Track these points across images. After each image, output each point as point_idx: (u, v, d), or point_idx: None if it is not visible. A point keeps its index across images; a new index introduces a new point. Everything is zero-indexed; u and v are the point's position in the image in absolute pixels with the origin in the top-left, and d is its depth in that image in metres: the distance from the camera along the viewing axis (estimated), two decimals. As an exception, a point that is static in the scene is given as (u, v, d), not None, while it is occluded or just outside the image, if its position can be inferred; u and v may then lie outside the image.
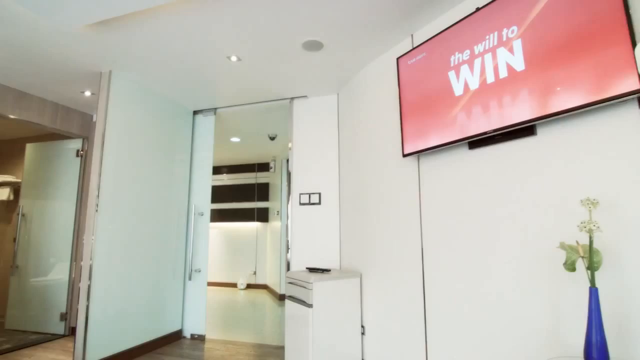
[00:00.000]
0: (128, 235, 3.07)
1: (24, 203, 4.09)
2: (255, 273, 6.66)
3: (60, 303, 3.72)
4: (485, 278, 1.81)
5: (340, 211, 3.26)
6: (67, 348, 3.29)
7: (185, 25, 2.34)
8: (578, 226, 1.26)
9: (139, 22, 2.31)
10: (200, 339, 3.58)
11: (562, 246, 1.32)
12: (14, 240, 4.07)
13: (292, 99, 3.59)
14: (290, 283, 2.81)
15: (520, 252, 1.66)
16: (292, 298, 2.76)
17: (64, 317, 3.70)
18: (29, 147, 4.19)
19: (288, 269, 3.37)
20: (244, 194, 6.86)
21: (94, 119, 4.08)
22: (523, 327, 1.62)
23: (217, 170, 6.99)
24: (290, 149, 3.55)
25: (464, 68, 1.89)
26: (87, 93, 3.47)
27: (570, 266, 1.28)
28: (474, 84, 1.83)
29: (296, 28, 2.36)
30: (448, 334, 1.99)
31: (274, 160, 6.39)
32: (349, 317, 2.66)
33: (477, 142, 1.88)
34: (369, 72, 2.86)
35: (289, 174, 3.53)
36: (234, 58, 2.76)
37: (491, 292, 1.77)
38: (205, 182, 3.88)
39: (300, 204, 3.39)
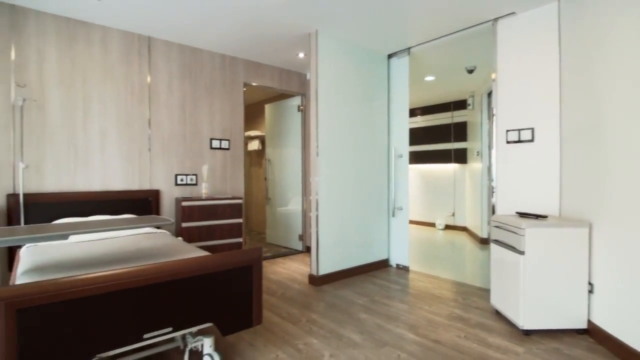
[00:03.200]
0: (341, 176, 3.60)
1: (268, 151, 5.37)
2: (453, 215, 6.58)
3: (298, 227, 4.85)
4: None
5: (561, 148, 2.74)
6: (305, 261, 4.30)
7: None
8: None
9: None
10: (405, 269, 3.95)
11: None
12: (265, 179, 5.47)
13: (496, 19, 3.10)
14: (496, 227, 2.67)
15: None
16: (498, 242, 2.64)
17: (301, 238, 4.81)
18: (267, 107, 5.37)
19: (493, 212, 3.19)
20: (440, 135, 6.66)
21: (308, 77, 4.77)
22: None
23: (411, 112, 6.99)
24: (493, 80, 3.16)
25: None
26: (301, 55, 4.07)
27: None
28: None
29: None
30: None
31: (472, 96, 5.81)
32: (571, 270, 2.33)
33: None
34: (615, -40, 2.11)
35: (491, 110, 3.18)
36: (429, -10, 2.60)
37: None
38: (402, 124, 3.99)
39: (507, 142, 3.04)
